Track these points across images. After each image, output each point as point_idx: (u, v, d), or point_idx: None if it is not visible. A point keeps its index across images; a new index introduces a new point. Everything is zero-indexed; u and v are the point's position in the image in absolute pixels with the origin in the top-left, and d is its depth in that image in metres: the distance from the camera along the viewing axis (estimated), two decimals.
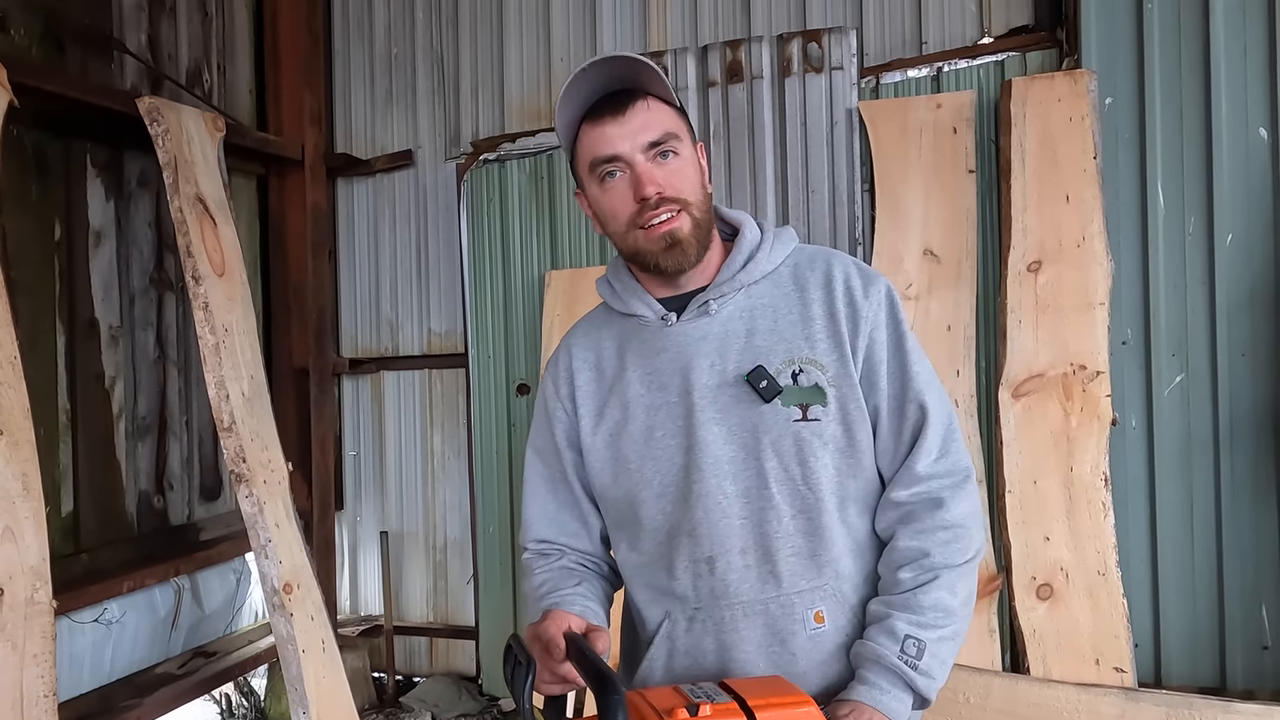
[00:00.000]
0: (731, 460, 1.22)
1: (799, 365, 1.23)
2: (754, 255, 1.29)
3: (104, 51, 2.99)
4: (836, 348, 1.23)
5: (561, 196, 3.51)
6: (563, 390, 1.36)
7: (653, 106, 1.22)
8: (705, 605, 1.24)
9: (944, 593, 1.18)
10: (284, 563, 2.75)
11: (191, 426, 3.29)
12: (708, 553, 1.22)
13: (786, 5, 3.28)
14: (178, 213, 2.76)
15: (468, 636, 3.75)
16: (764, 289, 1.28)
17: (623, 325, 1.35)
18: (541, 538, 1.39)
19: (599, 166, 1.23)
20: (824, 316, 1.25)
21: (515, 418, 3.57)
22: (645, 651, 1.28)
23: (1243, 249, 2.67)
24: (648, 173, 1.20)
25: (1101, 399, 2.65)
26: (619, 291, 1.35)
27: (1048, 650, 2.61)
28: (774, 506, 1.21)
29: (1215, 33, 2.68)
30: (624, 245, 1.27)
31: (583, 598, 1.28)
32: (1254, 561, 2.67)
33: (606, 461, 1.30)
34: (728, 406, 1.23)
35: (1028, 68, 2.92)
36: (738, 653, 1.22)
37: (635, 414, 1.28)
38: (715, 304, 1.27)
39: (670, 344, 1.28)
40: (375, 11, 3.91)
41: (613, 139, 1.21)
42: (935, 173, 2.91)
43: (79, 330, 2.87)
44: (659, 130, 1.21)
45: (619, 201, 1.23)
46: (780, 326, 1.25)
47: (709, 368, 1.25)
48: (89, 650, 2.75)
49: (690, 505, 1.23)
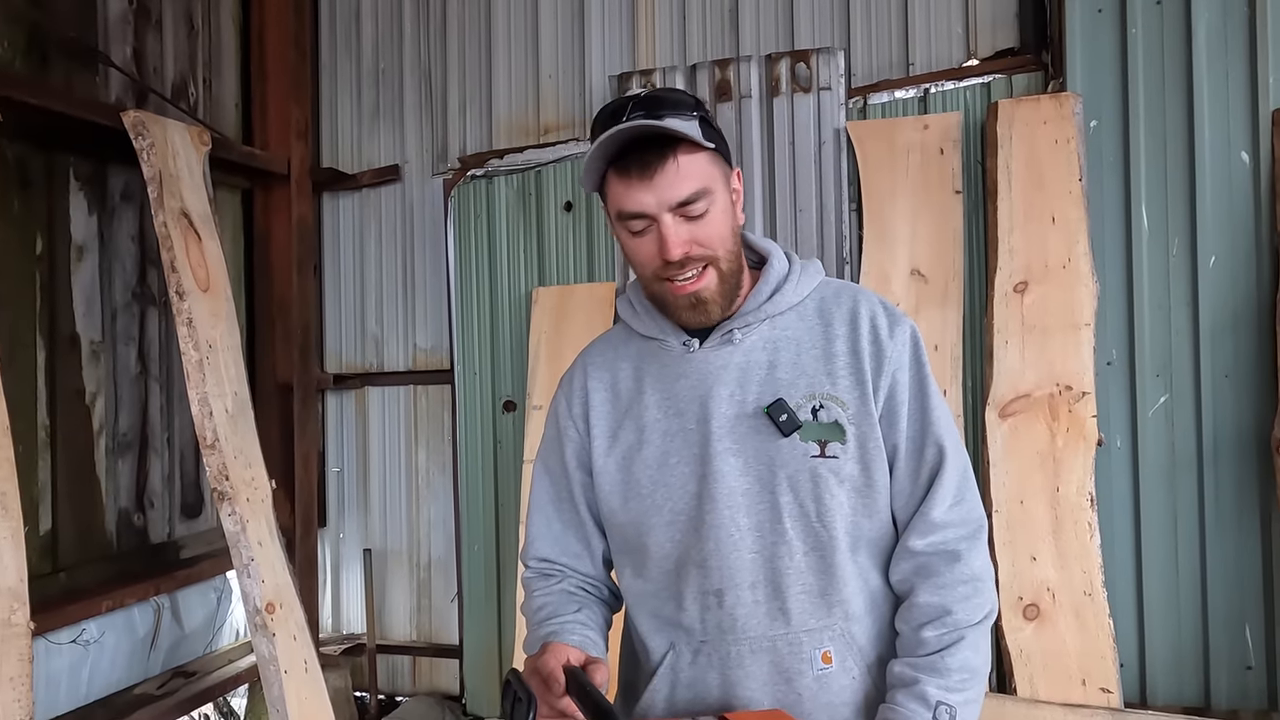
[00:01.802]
0: (746, 493, 1.21)
1: (820, 401, 1.21)
2: (781, 287, 1.27)
3: (89, 64, 2.96)
4: (858, 385, 1.22)
5: (549, 213, 3.50)
6: (576, 409, 1.34)
7: (682, 162, 1.16)
8: (712, 639, 1.22)
9: (969, 653, 1.17)
10: (266, 582, 2.72)
11: (173, 443, 3.25)
12: (717, 585, 1.21)
13: (775, 25, 3.29)
14: (162, 227, 2.73)
15: (451, 655, 3.71)
16: (789, 321, 1.27)
17: (641, 347, 1.32)
18: (543, 556, 1.37)
19: (626, 220, 1.20)
20: (848, 353, 1.24)
21: (501, 435, 3.55)
22: (647, 683, 1.26)
23: (1226, 271, 2.70)
24: (674, 235, 1.16)
25: (1087, 419, 2.66)
26: (640, 313, 1.32)
27: (1035, 670, 2.62)
28: (786, 542, 1.19)
29: (1198, 58, 2.72)
30: (648, 289, 1.26)
31: (582, 626, 1.26)
32: (1237, 582, 2.69)
33: (617, 485, 1.28)
34: (745, 438, 1.21)
35: (1014, 90, 2.95)
36: (742, 689, 1.20)
37: (650, 438, 1.26)
38: (740, 333, 1.25)
39: (691, 370, 1.26)
40: (363, 26, 3.91)
41: (639, 199, 1.17)
42: (922, 193, 2.93)
43: (60, 345, 2.83)
44: (688, 190, 1.16)
45: (645, 255, 1.21)
46: (803, 360, 1.24)
47: (729, 397, 1.23)
48: (66, 672, 2.70)
49: (701, 536, 1.21)
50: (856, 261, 3.00)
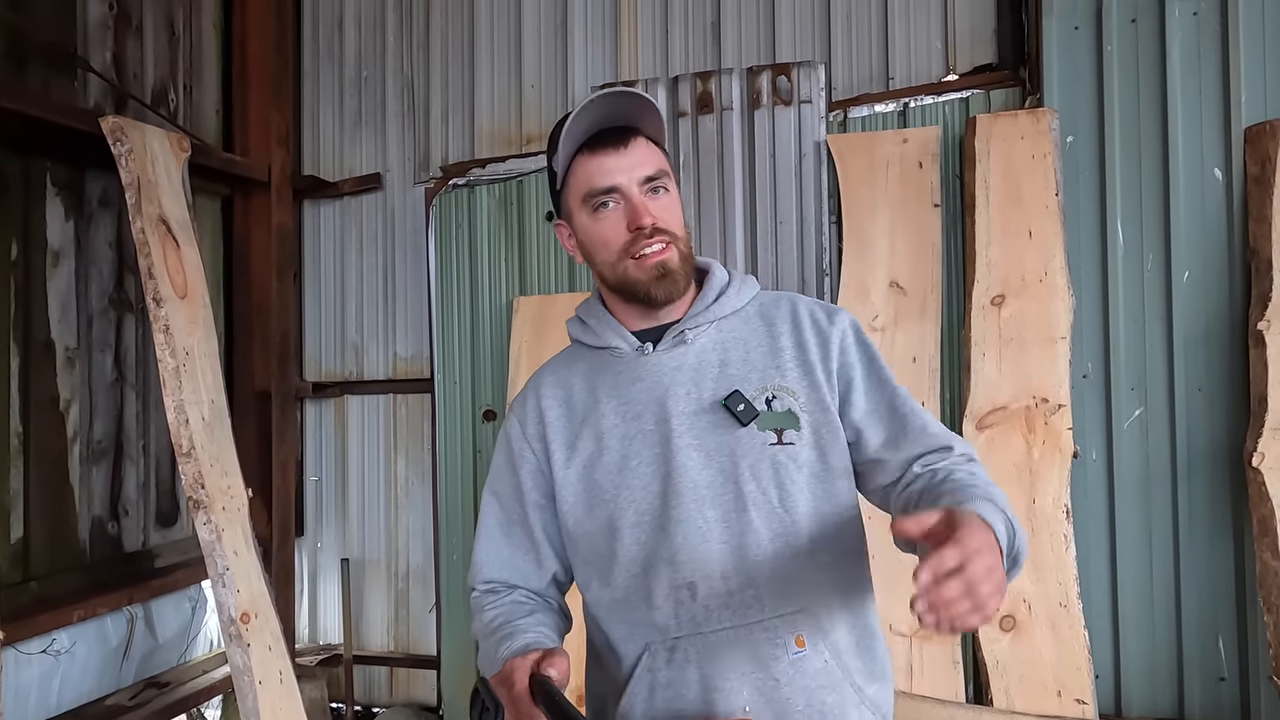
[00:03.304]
0: (710, 485, 1.24)
1: (772, 392, 1.27)
2: (724, 292, 1.35)
3: (68, 70, 2.95)
4: (806, 375, 1.29)
5: (530, 223, 3.51)
6: (530, 429, 1.36)
7: (645, 145, 1.29)
8: (686, 633, 1.23)
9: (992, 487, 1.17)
10: (242, 591, 2.70)
11: (149, 451, 3.22)
12: (689, 578, 1.22)
13: (756, 39, 3.32)
14: (140, 234, 2.71)
15: (429, 666, 3.69)
16: (733, 324, 1.34)
17: (592, 360, 1.36)
18: (490, 579, 1.38)
19: (594, 197, 1.27)
20: (793, 347, 1.31)
21: (481, 444, 3.54)
22: (624, 689, 1.26)
23: (1199, 286, 2.73)
24: (643, 204, 1.26)
25: (1063, 432, 2.68)
26: (593, 326, 1.37)
27: (1010, 682, 2.63)
28: (754, 530, 1.22)
29: (1172, 76, 2.75)
30: (612, 274, 1.30)
31: (537, 624, 1.27)
32: (1210, 594, 2.71)
33: (579, 494, 1.30)
34: (705, 432, 1.25)
35: (991, 105, 2.98)
36: (721, 681, 1.20)
37: (610, 444, 1.29)
38: (691, 334, 1.31)
39: (646, 373, 1.30)
40: (346, 34, 3.90)
41: (611, 171, 1.26)
42: (901, 206, 2.95)
43: (34, 352, 2.81)
44: (654, 167, 1.28)
45: (612, 232, 1.27)
46: (752, 357, 1.30)
47: (685, 395, 1.27)
48: (36, 682, 2.66)
49: (669, 532, 1.23)
50: (836, 273, 3.02)
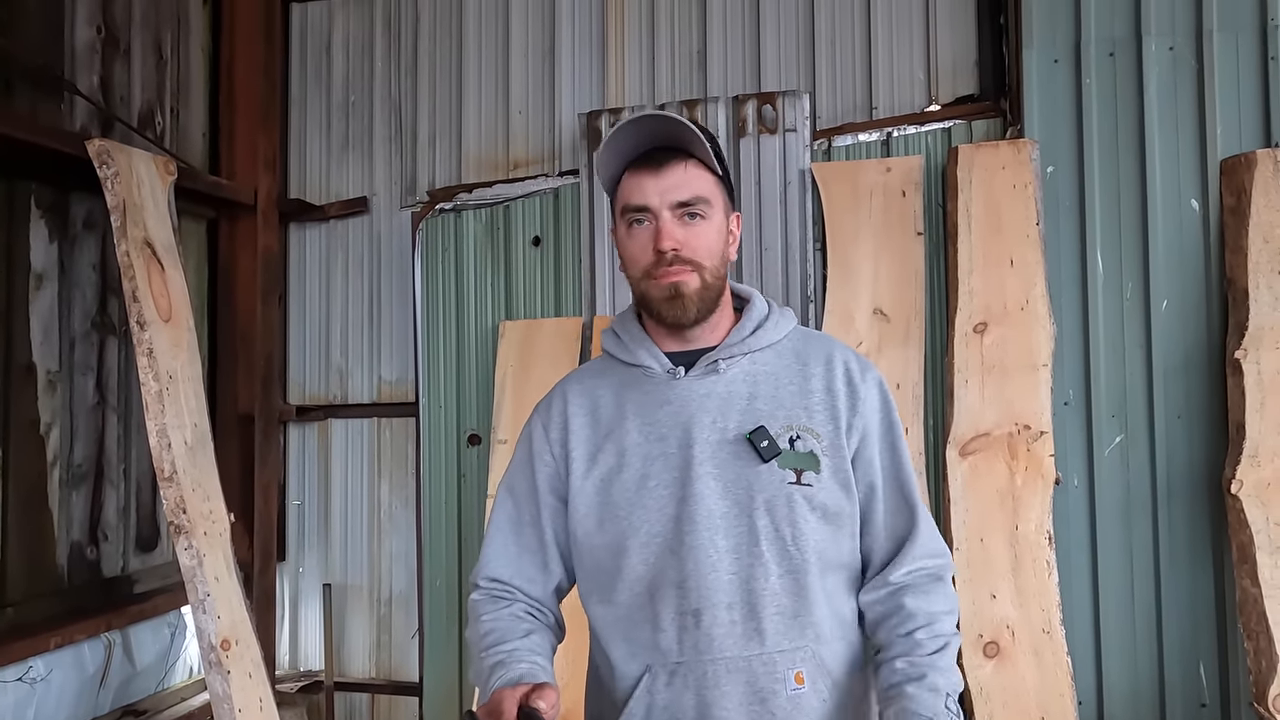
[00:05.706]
0: (724, 515, 1.25)
1: (797, 432, 1.28)
2: (762, 325, 1.37)
3: (54, 92, 2.94)
4: (831, 420, 1.30)
5: (517, 247, 3.52)
6: (554, 434, 1.37)
7: (691, 170, 1.28)
8: (688, 660, 1.24)
9: (953, 659, 1.25)
10: (222, 618, 2.67)
11: (130, 475, 3.19)
12: (695, 605, 1.23)
13: (742, 67, 3.36)
14: (124, 257, 2.70)
15: (411, 693, 3.65)
16: (767, 358, 1.35)
17: (623, 376, 1.37)
18: (495, 577, 1.38)
19: (629, 213, 1.30)
20: (823, 390, 1.32)
21: (465, 468, 3.53)
22: (621, 709, 1.27)
23: (1177, 315, 2.77)
24: (669, 229, 1.26)
25: (1045, 458, 2.70)
26: (626, 342, 1.38)
27: (994, 709, 2.63)
28: (763, 564, 1.24)
29: (1149, 108, 2.81)
30: (636, 290, 1.33)
31: (530, 652, 1.27)
32: (1191, 620, 2.73)
33: (593, 507, 1.31)
34: (726, 463, 1.26)
35: (973, 135, 3.02)
36: (718, 710, 1.22)
37: (630, 461, 1.30)
38: (724, 364, 1.32)
39: (675, 397, 1.31)
40: (334, 58, 3.92)
41: (645, 191, 1.27)
42: (885, 234, 2.98)
43: (15, 374, 2.78)
44: (690, 192, 1.27)
45: (639, 249, 1.29)
46: (781, 394, 1.31)
47: (711, 424, 1.28)
48: (10, 711, 2.62)
49: (680, 557, 1.24)
50: (820, 300, 3.04)
